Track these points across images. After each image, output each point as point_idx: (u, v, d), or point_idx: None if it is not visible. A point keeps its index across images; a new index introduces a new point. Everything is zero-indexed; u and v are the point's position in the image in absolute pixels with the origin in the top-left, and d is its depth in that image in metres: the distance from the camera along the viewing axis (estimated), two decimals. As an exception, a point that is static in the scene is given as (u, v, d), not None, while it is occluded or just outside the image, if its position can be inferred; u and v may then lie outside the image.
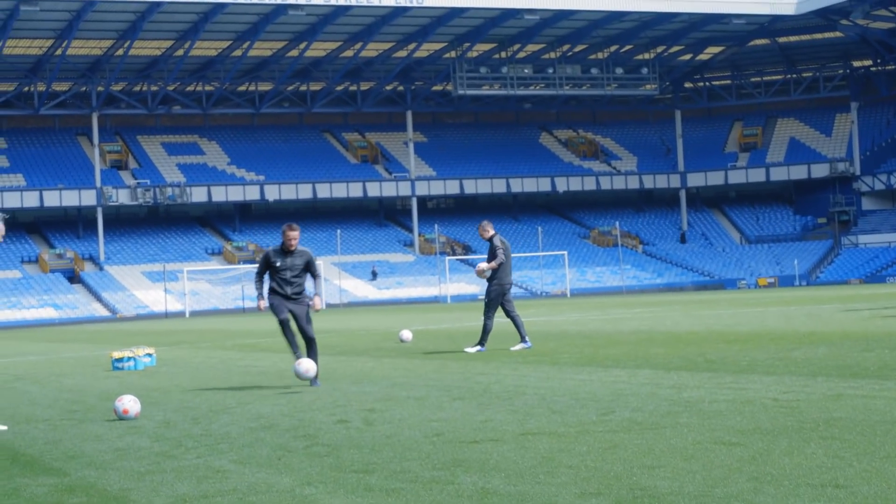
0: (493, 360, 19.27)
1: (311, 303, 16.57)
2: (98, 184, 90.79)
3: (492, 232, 21.66)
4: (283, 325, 16.55)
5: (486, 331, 21.58)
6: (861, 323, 24.26)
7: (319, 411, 12.81)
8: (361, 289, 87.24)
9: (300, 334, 16.50)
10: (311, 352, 16.37)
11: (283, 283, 16.43)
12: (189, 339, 35.67)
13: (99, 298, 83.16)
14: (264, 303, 16.80)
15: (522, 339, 21.53)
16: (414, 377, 16.66)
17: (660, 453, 8.62)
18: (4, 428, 12.73)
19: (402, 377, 16.73)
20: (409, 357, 21.20)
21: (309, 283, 16.89)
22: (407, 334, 26.19)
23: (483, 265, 21.47)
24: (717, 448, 8.71)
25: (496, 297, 21.50)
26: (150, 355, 23.09)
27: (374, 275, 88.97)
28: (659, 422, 10.36)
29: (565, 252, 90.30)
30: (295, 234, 16.40)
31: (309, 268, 16.56)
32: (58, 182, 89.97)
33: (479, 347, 21.46)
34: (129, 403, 13.15)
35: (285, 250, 16.45)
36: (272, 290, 16.58)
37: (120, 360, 22.37)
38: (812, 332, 21.89)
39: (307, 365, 15.52)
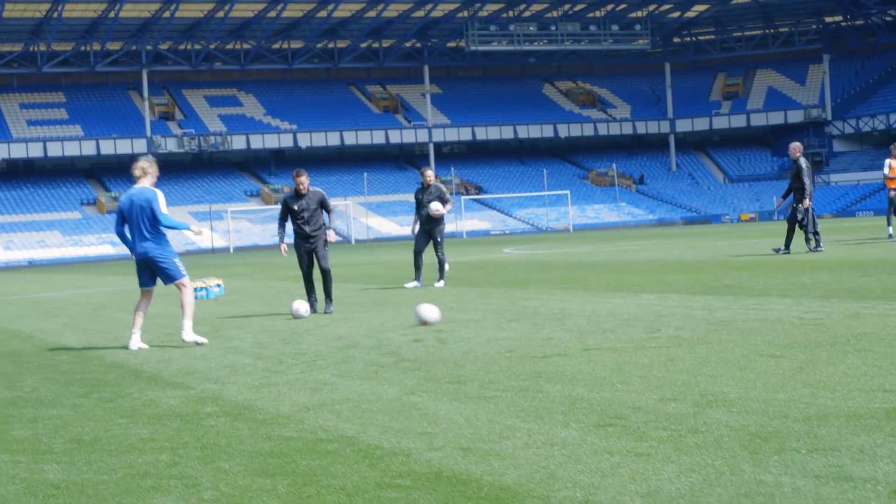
0: (529, 286, 19.46)
1: (325, 235, 16.86)
2: (148, 133, 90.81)
3: (434, 178, 21.58)
4: (305, 276, 16.99)
5: (443, 266, 21.55)
6: (850, 251, 24.39)
7: (393, 332, 13.01)
8: (385, 226, 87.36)
9: (318, 268, 16.84)
10: (326, 281, 16.72)
11: (302, 223, 16.73)
12: (243, 272, 35.87)
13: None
14: (284, 247, 17.17)
15: (441, 279, 21.47)
16: (464, 302, 16.82)
17: (715, 364, 8.81)
18: (205, 341, 13.05)
19: (453, 303, 16.86)
20: (451, 285, 21.37)
21: (325, 218, 17.14)
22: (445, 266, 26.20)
23: (439, 206, 21.07)
24: (764, 360, 8.89)
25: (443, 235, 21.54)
26: (219, 285, 23.30)
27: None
28: (703, 338, 10.53)
29: (568, 191, 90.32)
30: (302, 179, 16.66)
31: (323, 205, 16.85)
32: (112, 132, 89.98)
33: (443, 282, 21.37)
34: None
35: (298, 194, 16.71)
36: (295, 233, 16.92)
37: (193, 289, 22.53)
38: (810, 259, 22.02)
39: (296, 305, 16.02)
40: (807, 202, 24.02)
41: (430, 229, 21.40)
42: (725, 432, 6.28)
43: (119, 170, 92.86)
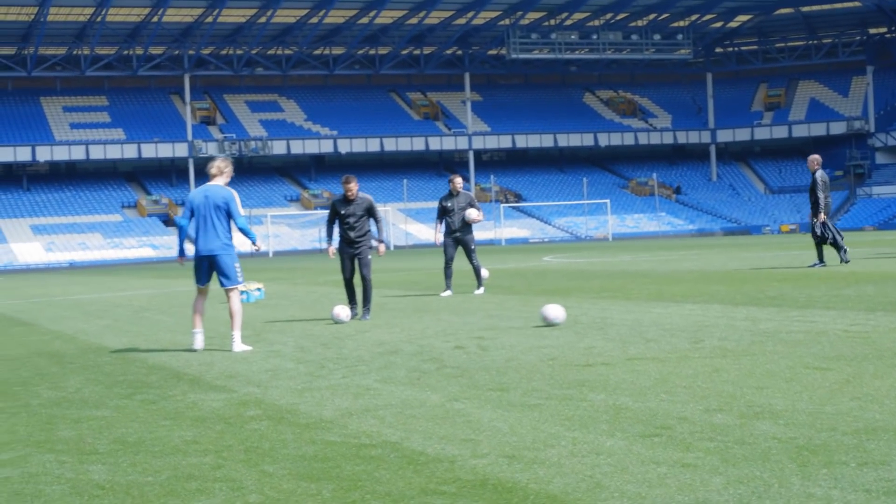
0: (570, 295, 19.39)
1: (376, 247, 16.88)
2: (189, 137, 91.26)
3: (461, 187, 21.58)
4: (346, 282, 16.96)
5: (480, 273, 21.53)
6: (894, 265, 24.16)
7: (434, 338, 12.98)
8: (424, 232, 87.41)
9: (359, 275, 16.81)
10: (366, 289, 16.69)
11: (348, 228, 16.72)
12: (283, 276, 35.99)
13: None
14: (332, 249, 17.14)
15: (480, 286, 21.42)
16: (504, 310, 16.79)
17: (761, 376, 8.73)
18: (250, 348, 12.90)
19: (494, 310, 16.86)
20: (491, 292, 21.34)
21: (374, 227, 17.14)
22: (485, 272, 26.18)
23: (476, 214, 21.05)
24: (810, 372, 8.81)
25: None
26: (259, 289, 23.35)
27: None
28: (748, 349, 10.45)
29: (607, 200, 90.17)
30: (351, 186, 16.62)
31: (370, 213, 16.82)
32: (154, 136, 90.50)
33: (482, 289, 21.34)
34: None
35: (346, 199, 16.71)
36: (341, 238, 16.91)
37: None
38: (853, 272, 21.84)
39: (338, 310, 16.04)
40: (821, 216, 23.73)
41: (461, 237, 21.30)
42: (773, 444, 6.22)
43: (160, 173, 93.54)
